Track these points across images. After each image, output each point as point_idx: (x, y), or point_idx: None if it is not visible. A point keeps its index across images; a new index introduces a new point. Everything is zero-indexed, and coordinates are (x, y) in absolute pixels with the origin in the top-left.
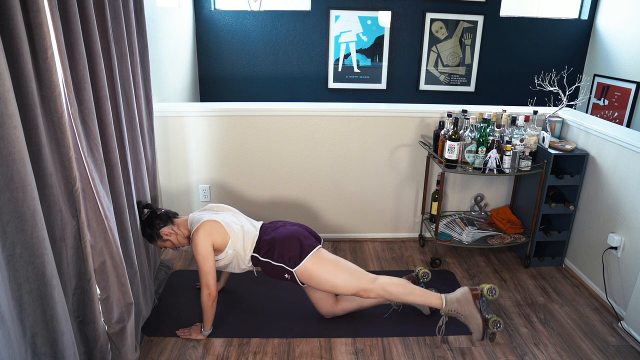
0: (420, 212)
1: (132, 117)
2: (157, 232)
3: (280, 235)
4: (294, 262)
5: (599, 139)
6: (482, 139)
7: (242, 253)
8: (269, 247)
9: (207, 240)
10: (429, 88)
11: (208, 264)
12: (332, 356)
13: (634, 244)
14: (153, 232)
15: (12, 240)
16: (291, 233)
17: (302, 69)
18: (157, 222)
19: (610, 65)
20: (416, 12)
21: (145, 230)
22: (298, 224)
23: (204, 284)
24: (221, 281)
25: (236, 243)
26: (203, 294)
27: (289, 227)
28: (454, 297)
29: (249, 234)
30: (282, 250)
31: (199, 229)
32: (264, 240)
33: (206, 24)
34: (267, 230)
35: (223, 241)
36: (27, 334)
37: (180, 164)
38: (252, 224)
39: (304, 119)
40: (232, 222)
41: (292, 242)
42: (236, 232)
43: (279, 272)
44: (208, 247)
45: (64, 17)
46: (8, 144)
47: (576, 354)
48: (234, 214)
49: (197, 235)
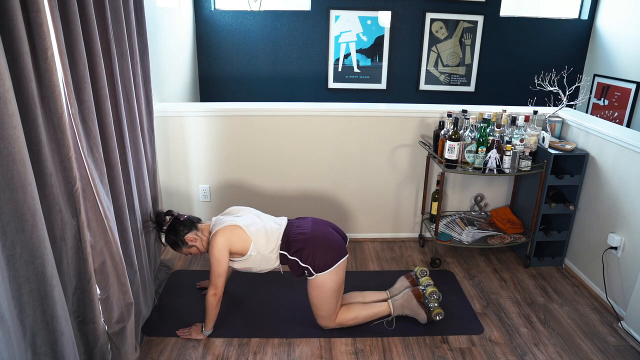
0: (420, 212)
1: (132, 117)
2: (181, 239)
3: (313, 236)
4: (320, 268)
5: (599, 139)
6: (482, 139)
7: (266, 254)
8: (299, 247)
9: (224, 244)
10: (429, 88)
11: (221, 268)
12: (332, 356)
13: (634, 244)
14: (177, 239)
15: (12, 240)
16: (324, 236)
17: (302, 69)
18: (181, 229)
19: (610, 65)
20: (416, 12)
21: (169, 238)
22: (328, 223)
23: (212, 284)
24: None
25: (259, 245)
26: (209, 293)
27: (320, 228)
28: (398, 303)
29: (273, 233)
30: (314, 252)
31: (218, 233)
32: (292, 238)
33: (206, 24)
34: (294, 227)
35: (244, 245)
36: (27, 334)
37: (180, 164)
38: (275, 221)
39: (304, 119)
40: (253, 224)
41: (325, 247)
42: (258, 235)
43: (301, 271)
44: (224, 251)
45: (64, 17)
46: (8, 144)
47: (576, 354)
48: (256, 214)
49: (215, 238)
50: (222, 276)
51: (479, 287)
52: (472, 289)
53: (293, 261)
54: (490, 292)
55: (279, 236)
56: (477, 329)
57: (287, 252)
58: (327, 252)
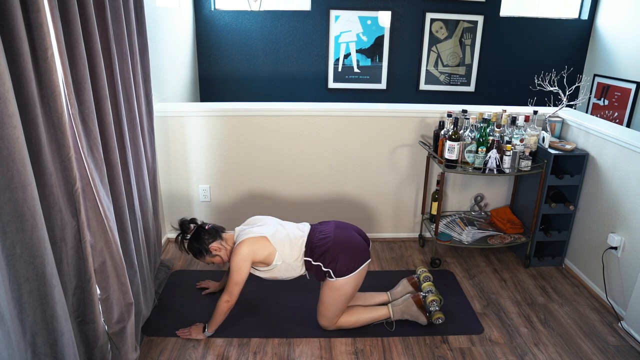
0: (420, 212)
1: (132, 117)
2: (206, 248)
3: (336, 240)
4: (342, 272)
5: (599, 139)
6: (482, 139)
7: (292, 262)
8: (322, 251)
9: (247, 254)
10: (429, 88)
11: (240, 277)
12: (332, 356)
13: (634, 244)
14: (202, 247)
15: (12, 240)
16: (347, 240)
17: (302, 69)
18: (206, 237)
19: (610, 65)
20: (416, 12)
21: (192, 246)
22: (351, 226)
23: (228, 292)
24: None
25: (284, 254)
26: (223, 299)
27: (343, 232)
28: (398, 309)
29: (297, 240)
30: (336, 256)
31: (243, 243)
32: (316, 243)
33: (206, 24)
34: (317, 232)
35: (269, 255)
36: (27, 334)
37: (180, 164)
38: (298, 228)
39: (304, 119)
40: (277, 233)
41: (347, 252)
42: (283, 244)
43: (324, 275)
44: (246, 260)
45: (64, 17)
46: (8, 144)
47: (576, 354)
48: (279, 223)
49: (239, 248)
50: (239, 285)
51: (479, 287)
52: (472, 289)
53: (317, 266)
54: (490, 292)
55: (302, 243)
56: (477, 329)
57: (311, 259)
58: (349, 256)
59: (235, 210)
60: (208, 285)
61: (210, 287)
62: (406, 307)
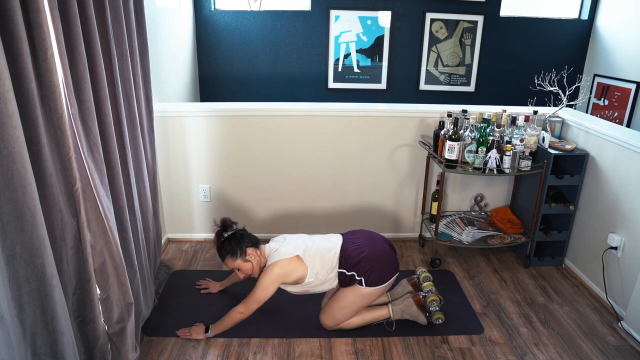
0: (420, 212)
1: (132, 117)
2: (243, 249)
3: (372, 252)
4: (373, 283)
5: (599, 139)
6: (482, 139)
7: (325, 276)
8: (356, 262)
9: (278, 277)
10: (429, 88)
11: (264, 296)
12: (332, 356)
13: (634, 244)
14: (239, 248)
15: (12, 240)
16: (382, 253)
17: (302, 69)
18: (246, 240)
19: (610, 65)
20: (416, 12)
21: (230, 244)
22: (382, 238)
23: (246, 305)
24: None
25: (316, 270)
26: (237, 309)
27: (378, 244)
28: (397, 309)
29: (327, 253)
30: (371, 267)
31: (277, 265)
32: (350, 254)
33: (206, 24)
34: (350, 242)
35: (302, 273)
36: (27, 334)
37: (180, 164)
38: (327, 240)
39: (304, 119)
40: (308, 249)
41: (382, 264)
42: (314, 259)
43: (353, 281)
44: (276, 283)
45: (64, 17)
46: (8, 144)
47: (576, 354)
48: (308, 238)
49: (272, 268)
50: (259, 303)
51: (479, 287)
52: (472, 289)
53: (351, 276)
54: (490, 292)
55: (334, 255)
56: (477, 329)
57: (345, 270)
58: (383, 268)
59: (235, 210)
60: (208, 286)
61: (210, 287)
62: (406, 306)
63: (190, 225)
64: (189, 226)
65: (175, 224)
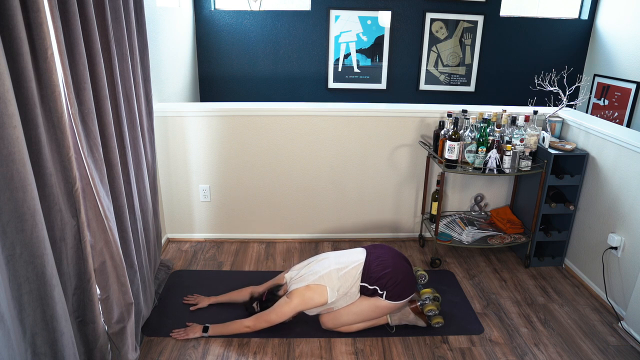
0: (420, 212)
1: (132, 117)
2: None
3: (397, 269)
4: (393, 297)
5: (599, 139)
6: (482, 139)
7: (346, 291)
8: (379, 277)
9: (297, 307)
10: (429, 88)
11: (277, 319)
12: (332, 356)
13: (634, 244)
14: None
15: (12, 240)
16: (405, 272)
17: (302, 69)
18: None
19: (610, 65)
20: (416, 12)
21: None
22: (403, 257)
23: (255, 322)
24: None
25: (334, 286)
26: (245, 323)
27: (401, 263)
28: (395, 317)
29: (346, 267)
30: (394, 283)
31: (297, 295)
32: (374, 268)
33: (206, 24)
34: (374, 257)
35: (323, 298)
36: (27, 334)
37: (180, 164)
38: (351, 254)
39: (304, 119)
40: (323, 270)
41: (405, 282)
42: (331, 277)
43: (373, 293)
44: (293, 312)
45: (64, 17)
46: (8, 144)
47: (576, 354)
48: (323, 257)
49: (293, 298)
50: (270, 324)
51: (479, 287)
52: (472, 289)
53: (373, 290)
54: (490, 292)
55: (357, 269)
56: (477, 329)
57: (367, 284)
58: (405, 286)
59: (235, 210)
60: (197, 301)
61: (199, 302)
62: (403, 314)
63: (190, 225)
64: (189, 226)
65: (175, 224)
